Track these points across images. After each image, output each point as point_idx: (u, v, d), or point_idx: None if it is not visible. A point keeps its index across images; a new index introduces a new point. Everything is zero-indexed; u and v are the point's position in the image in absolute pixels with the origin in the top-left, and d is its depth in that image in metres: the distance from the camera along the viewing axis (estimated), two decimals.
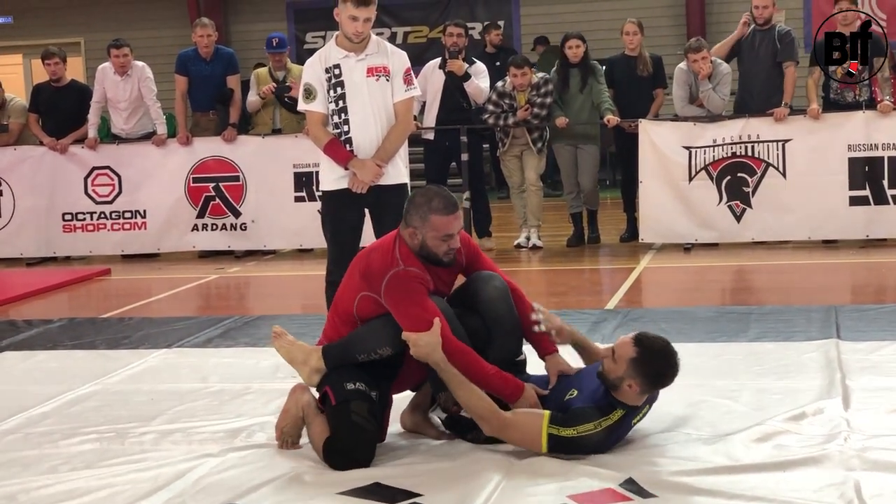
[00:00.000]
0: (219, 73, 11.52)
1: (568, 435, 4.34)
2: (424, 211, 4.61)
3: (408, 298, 4.53)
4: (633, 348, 4.38)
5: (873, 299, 8.06)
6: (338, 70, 6.31)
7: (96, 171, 11.53)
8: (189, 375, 6.16)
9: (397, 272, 4.57)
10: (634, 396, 4.44)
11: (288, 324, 7.24)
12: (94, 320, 8.12)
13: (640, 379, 4.36)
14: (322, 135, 6.34)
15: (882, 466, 4.13)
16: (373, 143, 6.29)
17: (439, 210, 4.60)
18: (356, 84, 6.29)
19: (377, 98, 6.32)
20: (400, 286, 4.54)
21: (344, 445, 4.42)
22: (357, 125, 6.29)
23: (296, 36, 18.60)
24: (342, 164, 6.29)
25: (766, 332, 6.60)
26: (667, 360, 4.42)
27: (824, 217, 10.28)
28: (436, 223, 4.60)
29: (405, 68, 6.40)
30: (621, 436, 4.49)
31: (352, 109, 6.29)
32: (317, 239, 11.03)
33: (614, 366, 4.39)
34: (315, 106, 6.37)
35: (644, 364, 4.36)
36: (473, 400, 4.44)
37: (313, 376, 4.65)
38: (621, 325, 6.86)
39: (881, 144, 10.14)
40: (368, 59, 6.32)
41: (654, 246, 10.70)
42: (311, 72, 6.41)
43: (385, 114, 6.34)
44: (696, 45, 10.58)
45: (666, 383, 4.48)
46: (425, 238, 4.62)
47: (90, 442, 4.95)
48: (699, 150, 10.40)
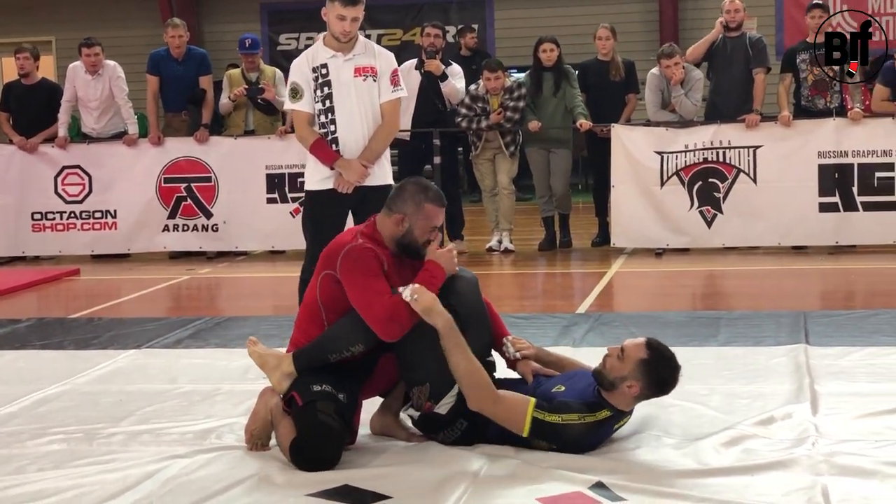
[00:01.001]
0: (191, 73, 11.48)
1: (552, 420, 4.37)
2: (420, 199, 4.66)
3: (361, 272, 4.54)
4: (645, 350, 4.44)
5: (842, 305, 8.11)
6: (325, 70, 6.32)
7: (66, 170, 11.47)
8: (158, 376, 6.13)
9: (354, 246, 4.60)
10: (628, 400, 4.47)
11: (259, 325, 7.27)
12: (62, 320, 8.07)
13: (643, 381, 4.40)
14: (308, 134, 6.36)
15: (849, 471, 4.15)
16: (359, 143, 6.31)
17: (434, 200, 4.68)
18: (343, 84, 6.30)
19: (364, 98, 6.32)
20: (355, 258, 4.56)
21: (310, 445, 4.41)
22: (343, 125, 6.30)
23: (269, 37, 18.55)
24: (328, 164, 6.31)
25: (736, 336, 6.63)
26: (673, 369, 4.47)
27: (794, 223, 10.34)
28: (429, 211, 4.65)
29: (392, 69, 6.41)
30: (601, 439, 4.51)
31: (338, 109, 6.30)
32: (289, 240, 11.09)
33: (620, 364, 4.42)
34: (301, 105, 6.37)
35: (652, 368, 4.41)
36: (470, 367, 4.45)
37: (283, 381, 4.62)
38: (592, 329, 6.88)
39: (851, 152, 10.21)
40: (356, 59, 6.32)
41: (626, 250, 10.73)
42: (298, 71, 6.40)
43: (371, 114, 6.35)
44: (669, 51, 10.63)
45: (665, 392, 4.53)
46: (414, 226, 4.64)
47: (58, 442, 4.91)
48: (671, 155, 10.43)
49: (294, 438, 4.45)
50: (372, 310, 4.49)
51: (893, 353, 6.03)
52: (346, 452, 4.51)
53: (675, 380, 4.49)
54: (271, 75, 11.69)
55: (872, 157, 10.18)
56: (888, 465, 4.19)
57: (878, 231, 10.24)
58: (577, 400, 4.45)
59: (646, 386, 4.43)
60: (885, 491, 3.96)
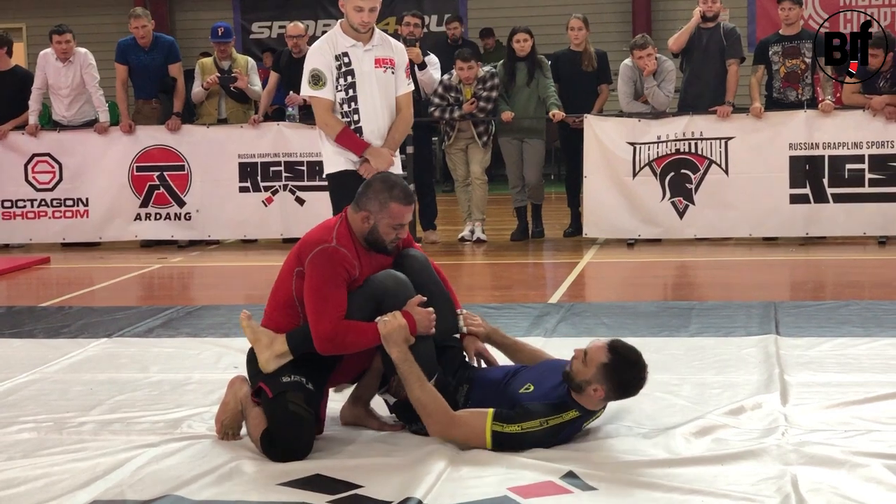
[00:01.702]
0: (159, 61, 11.42)
1: (511, 431, 4.36)
2: (385, 197, 4.62)
3: (325, 277, 4.51)
4: (607, 354, 4.40)
5: (812, 296, 8.16)
6: (347, 58, 6.31)
7: (36, 157, 11.40)
8: (129, 365, 6.11)
9: (327, 247, 4.56)
10: (595, 402, 4.47)
11: (231, 314, 7.25)
12: (33, 309, 8.03)
13: (606, 385, 4.39)
14: (334, 122, 6.37)
15: (818, 461, 4.18)
16: (380, 134, 6.36)
17: (399, 199, 4.64)
18: (366, 74, 6.32)
19: (385, 89, 6.37)
20: (324, 261, 4.53)
21: (282, 435, 4.40)
22: (366, 115, 6.33)
23: (242, 25, 18.47)
24: (357, 153, 6.32)
25: (707, 327, 6.66)
26: (637, 372, 4.45)
27: (765, 214, 10.39)
28: (394, 211, 4.62)
29: (406, 63, 6.48)
30: (569, 435, 4.51)
31: (361, 99, 6.32)
32: (261, 229, 11.09)
33: (583, 368, 4.41)
34: (324, 93, 6.37)
35: (614, 372, 4.39)
36: (425, 396, 4.45)
37: (272, 362, 4.56)
38: (564, 320, 6.89)
39: (822, 143, 10.25)
40: (375, 51, 6.35)
41: (598, 241, 10.76)
42: (320, 58, 6.36)
43: (389, 105, 6.41)
44: (642, 42, 10.65)
45: (630, 394, 4.52)
46: (378, 224, 4.62)
47: (28, 431, 4.89)
48: (643, 146, 10.46)
49: (265, 429, 4.45)
50: (320, 321, 4.48)
51: (862, 344, 6.07)
52: (317, 442, 4.51)
53: (640, 382, 4.47)
54: (244, 64, 11.65)
55: (843, 150, 10.23)
56: (857, 454, 4.22)
57: (848, 222, 10.30)
58: (543, 402, 4.44)
59: (610, 389, 4.42)
60: (854, 480, 3.99)
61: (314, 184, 10.91)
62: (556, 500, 3.91)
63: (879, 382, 5.27)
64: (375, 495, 3.98)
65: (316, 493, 4.04)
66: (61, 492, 4.11)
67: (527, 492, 3.97)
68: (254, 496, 4.05)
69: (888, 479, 3.98)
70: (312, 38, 11.61)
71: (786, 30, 10.42)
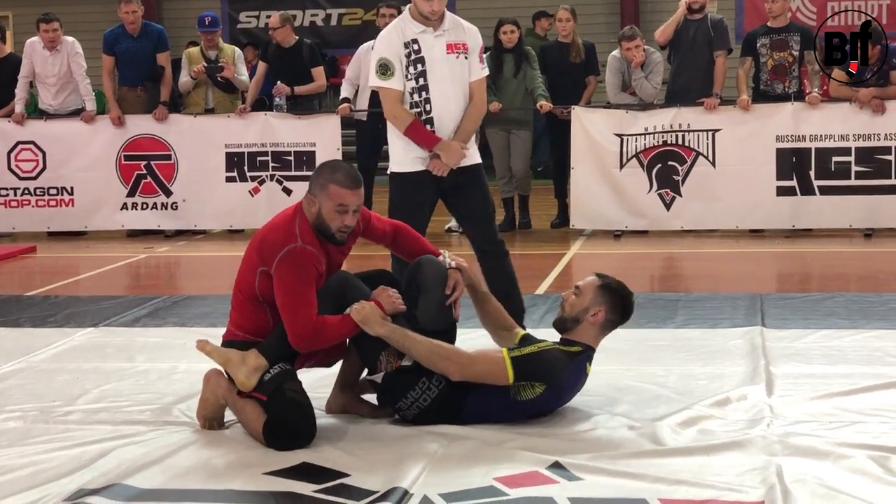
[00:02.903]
0: (147, 49, 11.37)
1: (530, 351, 4.53)
2: (326, 179, 4.60)
3: (296, 278, 4.50)
4: (599, 279, 4.71)
5: (798, 288, 8.18)
6: (416, 45, 5.89)
7: (20, 145, 11.35)
8: (116, 355, 6.10)
9: (295, 248, 4.54)
10: (594, 332, 4.64)
11: (217, 304, 7.25)
12: (18, 298, 8.01)
13: (606, 305, 4.61)
14: (403, 114, 5.92)
15: (803, 452, 4.20)
16: (454, 123, 5.96)
17: (340, 181, 4.58)
18: (437, 61, 5.90)
19: (457, 76, 5.95)
20: (293, 263, 4.52)
21: (286, 423, 4.40)
22: (439, 105, 5.92)
23: (229, 15, 18.41)
24: (427, 148, 5.92)
25: (693, 318, 6.68)
26: (628, 292, 4.75)
27: (752, 206, 10.40)
28: (333, 193, 4.57)
29: (480, 46, 6.06)
30: (577, 375, 4.61)
31: (433, 88, 5.90)
32: (247, 219, 11.07)
33: (579, 299, 4.63)
34: (393, 83, 5.92)
35: (611, 291, 4.66)
36: (430, 346, 4.51)
37: (252, 376, 4.53)
38: (551, 311, 6.89)
39: (809, 136, 10.27)
40: (447, 35, 5.93)
41: (585, 232, 10.77)
42: (388, 46, 5.94)
43: (463, 93, 5.99)
44: (630, 34, 10.66)
45: (627, 313, 4.72)
46: (322, 207, 4.59)
47: (14, 420, 4.89)
48: (630, 137, 10.47)
49: (267, 421, 4.44)
50: (296, 320, 4.48)
51: (848, 336, 6.09)
52: None
53: (632, 303, 4.74)
54: (230, 54, 11.63)
55: (830, 142, 10.25)
56: (841, 445, 4.24)
57: (835, 215, 10.33)
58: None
59: (609, 310, 4.62)
60: (839, 471, 4.00)
61: (301, 174, 10.90)
62: (542, 489, 3.91)
63: (864, 374, 5.29)
64: (362, 484, 3.98)
65: (302, 482, 4.04)
66: (47, 480, 4.11)
67: (513, 482, 3.98)
68: (239, 485, 4.05)
69: (872, 470, 4.00)
70: (298, 28, 11.62)
71: (774, 22, 10.43)
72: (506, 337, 4.97)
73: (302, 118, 11.09)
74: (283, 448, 4.35)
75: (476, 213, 6.11)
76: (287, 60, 11.26)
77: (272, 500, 3.94)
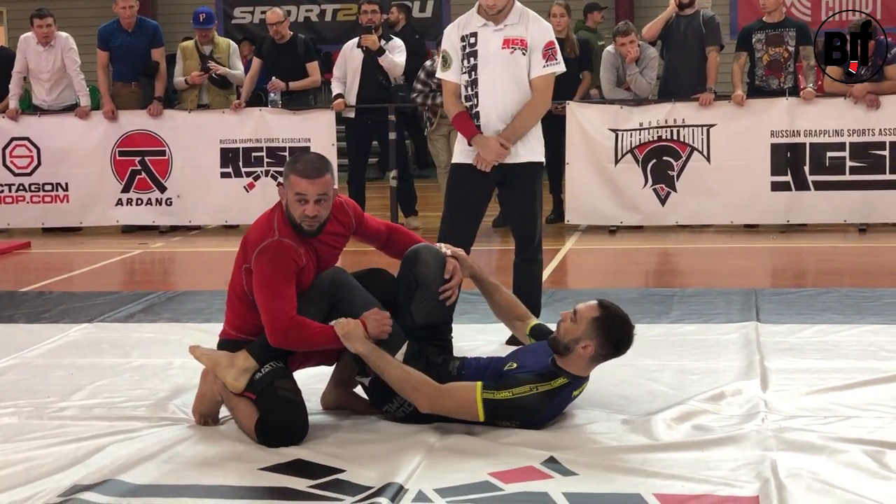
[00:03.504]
0: (142, 44, 11.35)
1: (503, 397, 4.38)
2: (288, 170, 4.62)
3: (272, 271, 4.50)
4: (598, 309, 4.47)
5: (792, 283, 8.19)
6: (473, 39, 5.90)
7: (14, 141, 11.33)
8: (110, 350, 6.10)
9: (272, 242, 4.54)
10: (584, 363, 4.49)
11: (212, 300, 7.25)
12: (13, 294, 8.00)
13: (597, 340, 4.42)
14: (453, 106, 5.99)
15: (798, 446, 4.20)
16: (502, 120, 5.89)
17: (298, 171, 4.57)
18: (489, 55, 5.88)
19: (510, 72, 5.88)
20: (269, 256, 4.52)
21: (277, 422, 4.40)
22: (486, 99, 5.89)
23: (224, 10, 18.41)
24: (467, 139, 5.94)
25: (688, 313, 6.68)
26: (627, 327, 4.52)
27: (747, 202, 10.41)
28: (293, 182, 4.57)
29: (546, 41, 5.92)
30: (560, 407, 4.53)
31: (482, 82, 5.89)
32: (242, 215, 11.05)
33: (573, 326, 4.45)
34: (449, 75, 5.98)
35: (606, 325, 4.44)
36: (405, 376, 4.45)
37: (241, 378, 4.53)
38: (546, 306, 6.88)
39: (803, 131, 10.28)
40: (507, 30, 5.88)
41: (580, 227, 10.77)
42: (448, 39, 6.01)
43: (518, 89, 5.90)
44: (624, 29, 10.66)
45: (620, 350, 4.54)
46: (288, 197, 4.60)
47: (8, 416, 4.88)
48: (625, 133, 10.47)
49: (259, 419, 4.44)
50: (272, 315, 4.47)
51: (842, 331, 6.10)
52: None
53: (629, 338, 4.52)
54: (225, 48, 11.61)
55: (824, 137, 10.25)
56: (836, 440, 4.25)
57: (829, 210, 10.34)
58: (530, 371, 4.47)
59: (600, 345, 4.45)
60: (833, 466, 4.01)
61: None
62: (537, 485, 3.92)
63: (859, 369, 5.30)
64: (357, 480, 3.99)
65: (297, 478, 4.04)
66: (42, 476, 4.10)
67: (508, 477, 3.98)
68: (234, 481, 4.05)
69: (867, 465, 4.00)
70: (293, 24, 11.62)
71: (769, 17, 10.44)
72: (519, 327, 5.00)
73: (297, 114, 11.08)
74: (275, 445, 4.35)
75: (514, 213, 6.08)
76: (282, 56, 11.25)
77: (267, 496, 3.94)
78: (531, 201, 5.99)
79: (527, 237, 6.04)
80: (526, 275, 6.05)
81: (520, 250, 6.07)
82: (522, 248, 6.05)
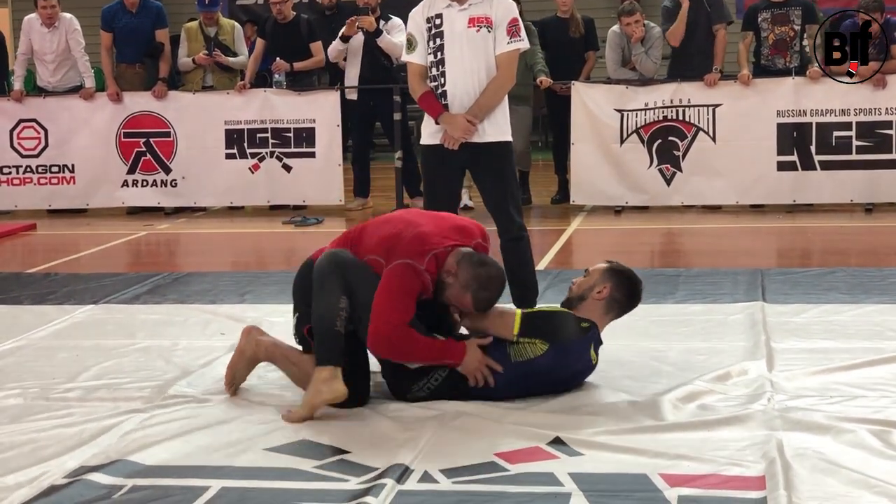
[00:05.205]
0: (146, 25, 11.34)
1: (541, 310, 4.72)
2: (474, 283, 4.60)
3: (402, 284, 4.52)
4: (607, 263, 4.82)
5: (798, 263, 8.18)
6: (439, 20, 5.90)
7: (22, 123, 11.33)
8: (116, 332, 6.10)
9: (415, 267, 4.54)
10: (599, 308, 4.68)
11: (218, 281, 7.25)
12: (18, 275, 8.01)
13: (612, 282, 4.69)
14: (418, 87, 5.98)
15: (804, 426, 4.20)
16: (469, 98, 5.88)
17: (480, 300, 4.62)
18: (455, 35, 5.87)
19: (477, 50, 5.88)
20: (406, 274, 4.53)
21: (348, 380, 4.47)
22: (453, 79, 5.89)
23: None
24: (433, 118, 5.93)
25: (694, 294, 6.68)
26: (637, 279, 4.82)
27: (753, 182, 10.39)
28: (468, 301, 4.62)
29: (510, 18, 5.92)
30: (580, 355, 4.63)
31: (448, 62, 5.89)
32: (247, 196, 11.06)
33: (586, 279, 4.74)
34: (414, 57, 5.97)
35: (618, 270, 4.78)
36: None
37: (335, 383, 4.48)
38: (551, 287, 6.90)
39: (809, 111, 10.25)
40: (471, 9, 5.88)
41: (585, 208, 10.76)
42: (413, 21, 6.02)
43: (485, 67, 5.90)
44: (630, 9, 10.62)
45: (633, 298, 4.79)
46: (452, 287, 4.61)
47: (14, 397, 4.89)
48: (631, 113, 10.44)
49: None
50: (384, 318, 4.47)
51: (848, 311, 6.08)
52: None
53: (640, 289, 4.81)
54: (230, 29, 11.59)
55: (830, 117, 10.23)
56: (841, 420, 4.24)
57: (835, 190, 10.32)
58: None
59: (615, 287, 4.69)
60: (839, 445, 4.01)
61: (301, 150, 10.92)
62: (543, 465, 3.92)
63: (865, 349, 5.29)
64: (362, 461, 3.99)
65: (303, 459, 4.05)
66: (48, 457, 4.11)
67: (513, 457, 3.99)
68: (240, 461, 4.05)
69: (873, 445, 4.00)
70: (296, 4, 11.58)
71: None
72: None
73: (301, 94, 11.06)
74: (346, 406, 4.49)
75: (489, 195, 6.05)
76: (285, 36, 11.22)
77: (273, 476, 3.94)
78: (504, 181, 5.97)
79: (506, 218, 6.01)
80: (513, 253, 6.00)
81: (502, 231, 6.04)
82: (505, 230, 6.03)
